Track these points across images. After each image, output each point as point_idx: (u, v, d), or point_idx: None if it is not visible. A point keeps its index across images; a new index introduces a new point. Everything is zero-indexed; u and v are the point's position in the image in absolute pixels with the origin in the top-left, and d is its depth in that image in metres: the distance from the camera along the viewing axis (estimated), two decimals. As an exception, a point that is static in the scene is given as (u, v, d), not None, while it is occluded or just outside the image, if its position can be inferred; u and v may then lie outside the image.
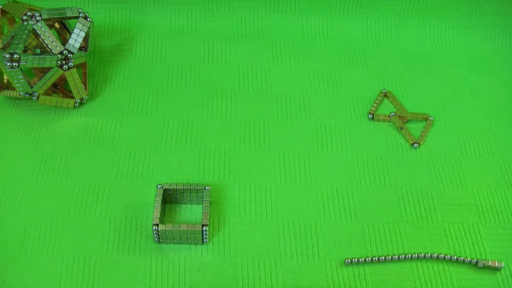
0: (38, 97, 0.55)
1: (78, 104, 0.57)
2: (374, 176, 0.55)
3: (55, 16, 0.55)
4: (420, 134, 0.58)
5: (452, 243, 0.50)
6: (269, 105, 0.60)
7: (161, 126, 0.57)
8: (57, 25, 0.59)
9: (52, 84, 0.56)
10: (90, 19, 0.56)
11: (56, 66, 0.54)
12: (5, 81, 0.58)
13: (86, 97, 0.58)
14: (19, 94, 0.54)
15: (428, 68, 0.66)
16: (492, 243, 0.50)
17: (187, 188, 0.49)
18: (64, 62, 0.54)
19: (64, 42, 0.56)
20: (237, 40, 0.67)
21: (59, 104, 0.56)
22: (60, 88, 0.60)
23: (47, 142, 0.55)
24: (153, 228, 0.46)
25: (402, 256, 0.48)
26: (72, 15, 0.55)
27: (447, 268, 0.48)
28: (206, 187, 0.49)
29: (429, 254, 0.48)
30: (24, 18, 0.53)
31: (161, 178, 0.52)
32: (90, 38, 0.59)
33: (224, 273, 0.46)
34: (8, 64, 0.51)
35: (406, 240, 0.50)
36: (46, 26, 0.53)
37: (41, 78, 0.54)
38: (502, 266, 0.48)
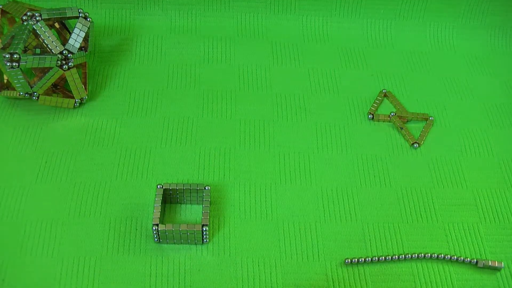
0: (38, 97, 0.55)
1: (78, 104, 0.57)
2: (374, 176, 0.55)
3: (55, 16, 0.55)
4: (420, 134, 0.58)
5: (452, 243, 0.50)
6: (269, 105, 0.60)
7: (161, 126, 0.57)
8: (57, 25, 0.59)
9: (52, 84, 0.56)
10: (90, 19, 0.56)
11: (56, 66, 0.54)
12: (5, 81, 0.58)
13: (86, 97, 0.58)
14: (19, 94, 0.54)
15: (428, 68, 0.66)
16: (492, 243, 0.50)
17: (187, 188, 0.49)
18: (64, 62, 0.54)
19: (64, 42, 0.56)
20: (237, 40, 0.67)
21: (59, 104, 0.56)
22: (60, 88, 0.60)
23: (47, 142, 0.55)
24: (153, 228, 0.46)
25: (402, 256, 0.48)
26: (72, 15, 0.55)
27: (447, 268, 0.48)
28: (206, 187, 0.49)
29: (429, 254, 0.48)
30: (24, 18, 0.53)
31: (161, 178, 0.52)
32: (90, 38, 0.59)
33: (224, 273, 0.46)
34: (8, 64, 0.51)
35: (406, 240, 0.50)
36: (46, 26, 0.53)
37: (41, 78, 0.54)
38: (502, 266, 0.48)
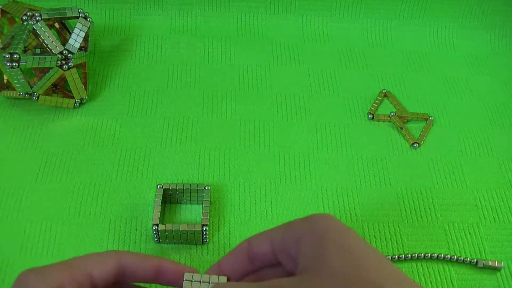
0: (38, 97, 0.55)
1: (78, 104, 0.57)
2: (374, 176, 0.55)
3: (55, 16, 0.55)
4: (420, 134, 0.58)
5: (452, 243, 0.50)
6: (269, 105, 0.60)
7: (161, 126, 0.57)
8: (57, 25, 0.59)
9: (52, 84, 0.56)
10: (90, 19, 0.56)
11: (56, 66, 0.54)
12: (5, 81, 0.58)
13: (86, 97, 0.58)
14: (19, 94, 0.54)
15: (428, 68, 0.66)
16: (492, 243, 0.50)
17: (187, 188, 0.49)
18: (64, 62, 0.54)
19: (64, 42, 0.56)
20: (237, 40, 0.67)
21: (59, 104, 0.56)
22: (60, 88, 0.60)
23: (47, 142, 0.55)
24: (153, 228, 0.46)
25: (402, 256, 0.48)
26: (72, 15, 0.55)
27: (447, 268, 0.48)
28: (206, 187, 0.49)
29: (429, 254, 0.48)
30: (24, 18, 0.53)
31: (161, 178, 0.52)
32: (90, 38, 0.59)
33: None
34: (8, 64, 0.51)
35: (406, 240, 0.50)
36: (46, 26, 0.53)
37: (41, 78, 0.54)
38: (502, 266, 0.48)
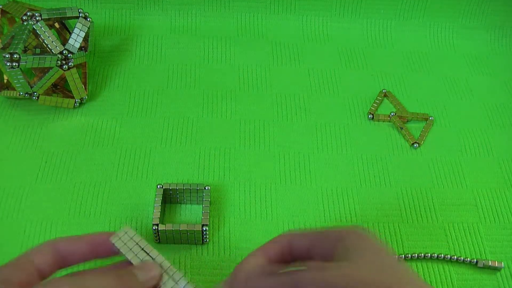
0: (38, 97, 0.55)
1: (78, 104, 0.57)
2: (374, 176, 0.55)
3: (55, 16, 0.55)
4: (420, 134, 0.58)
5: (452, 243, 0.50)
6: (269, 105, 0.60)
7: (161, 126, 0.57)
8: (57, 25, 0.59)
9: (52, 84, 0.56)
10: (90, 19, 0.56)
11: (56, 66, 0.54)
12: (5, 81, 0.58)
13: (86, 97, 0.58)
14: (19, 94, 0.54)
15: (428, 68, 0.66)
16: (492, 243, 0.50)
17: (187, 188, 0.49)
18: (64, 62, 0.54)
19: (64, 42, 0.56)
20: (237, 40, 0.67)
21: (59, 104, 0.56)
22: (60, 88, 0.60)
23: (47, 142, 0.55)
24: (153, 228, 0.46)
25: (402, 256, 0.48)
26: (72, 15, 0.55)
27: (447, 268, 0.48)
28: (206, 187, 0.49)
29: (429, 254, 0.48)
30: (24, 18, 0.53)
31: (161, 178, 0.52)
32: (90, 38, 0.59)
33: (224, 273, 0.46)
34: (8, 64, 0.51)
35: (406, 240, 0.50)
36: (46, 26, 0.53)
37: (41, 78, 0.54)
38: (502, 266, 0.48)
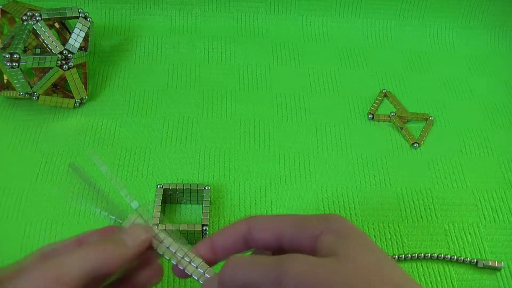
0: (38, 97, 0.55)
1: (78, 104, 0.57)
2: (374, 176, 0.55)
3: (55, 16, 0.55)
4: (420, 134, 0.58)
5: (452, 243, 0.50)
6: (269, 105, 0.60)
7: (161, 126, 0.57)
8: (57, 25, 0.59)
9: (52, 84, 0.56)
10: (90, 19, 0.56)
11: (56, 66, 0.54)
12: (5, 81, 0.58)
13: (86, 97, 0.58)
14: (19, 94, 0.54)
15: (428, 68, 0.66)
16: (492, 243, 0.50)
17: (187, 188, 0.49)
18: (64, 62, 0.54)
19: (64, 42, 0.56)
20: (237, 40, 0.67)
21: (59, 104, 0.56)
22: (60, 88, 0.60)
23: (47, 142, 0.55)
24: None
25: (402, 256, 0.48)
26: (72, 15, 0.55)
27: (447, 268, 0.48)
28: (206, 187, 0.49)
29: (429, 254, 0.48)
30: (24, 18, 0.53)
31: (161, 178, 0.52)
32: (90, 38, 0.59)
33: (224, 273, 0.46)
34: (8, 64, 0.51)
35: (406, 240, 0.50)
36: (46, 26, 0.53)
37: (41, 78, 0.54)
38: (502, 266, 0.48)
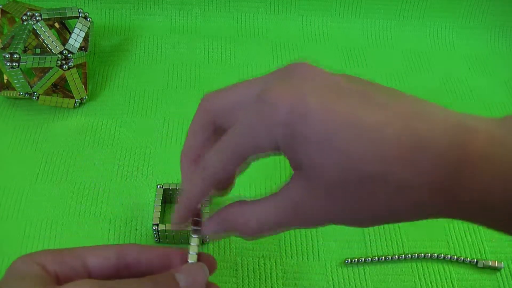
0: (38, 97, 0.55)
1: (78, 104, 0.57)
2: (374, 176, 0.54)
3: (55, 16, 0.55)
4: (420, 134, 0.58)
5: (452, 243, 0.50)
6: (269, 105, 0.60)
7: (161, 126, 0.57)
8: (57, 25, 0.59)
9: (52, 84, 0.56)
10: (90, 19, 0.56)
11: (56, 66, 0.54)
12: (5, 81, 0.58)
13: (86, 97, 0.58)
14: (19, 94, 0.54)
15: (428, 68, 0.66)
16: (492, 243, 0.50)
17: (187, 188, 0.49)
18: (64, 62, 0.54)
19: (64, 42, 0.56)
20: (237, 40, 0.67)
21: (59, 104, 0.56)
22: (60, 88, 0.60)
23: (47, 142, 0.55)
24: (153, 228, 0.46)
25: (402, 256, 0.48)
26: (72, 15, 0.55)
27: (447, 268, 0.48)
28: (206, 187, 0.49)
29: (429, 254, 0.48)
30: (24, 18, 0.53)
31: (161, 178, 0.52)
32: (90, 38, 0.59)
33: (224, 273, 0.46)
34: (8, 64, 0.51)
35: (406, 240, 0.50)
36: (46, 26, 0.53)
37: (41, 78, 0.54)
38: (502, 266, 0.48)
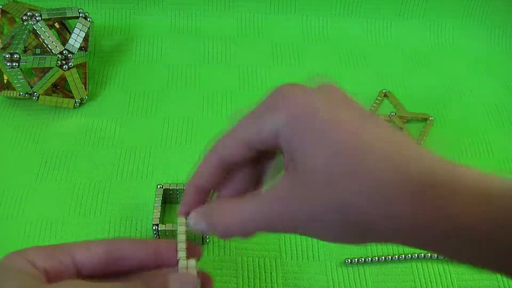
0: (38, 97, 0.55)
1: (78, 104, 0.57)
2: (374, 176, 0.54)
3: (55, 16, 0.55)
4: (420, 134, 0.58)
5: (452, 243, 0.50)
6: (269, 105, 0.60)
7: (161, 126, 0.57)
8: (57, 25, 0.59)
9: (52, 84, 0.56)
10: (90, 19, 0.56)
11: (56, 66, 0.54)
12: (5, 81, 0.58)
13: (86, 97, 0.58)
14: (19, 94, 0.54)
15: (428, 68, 0.66)
16: (492, 243, 0.50)
17: (187, 188, 0.49)
18: (64, 62, 0.54)
19: (64, 42, 0.56)
20: (237, 40, 0.67)
21: (59, 104, 0.56)
22: (60, 88, 0.60)
23: (47, 142, 0.55)
24: (153, 228, 0.46)
25: (402, 256, 0.48)
26: (72, 15, 0.55)
27: (447, 268, 0.48)
28: (206, 187, 0.49)
29: (429, 254, 0.48)
30: (24, 18, 0.53)
31: (161, 178, 0.52)
32: (90, 38, 0.59)
33: (224, 273, 0.46)
34: (8, 64, 0.51)
35: (406, 240, 0.50)
36: (46, 26, 0.53)
37: (41, 78, 0.54)
38: (502, 266, 0.48)
